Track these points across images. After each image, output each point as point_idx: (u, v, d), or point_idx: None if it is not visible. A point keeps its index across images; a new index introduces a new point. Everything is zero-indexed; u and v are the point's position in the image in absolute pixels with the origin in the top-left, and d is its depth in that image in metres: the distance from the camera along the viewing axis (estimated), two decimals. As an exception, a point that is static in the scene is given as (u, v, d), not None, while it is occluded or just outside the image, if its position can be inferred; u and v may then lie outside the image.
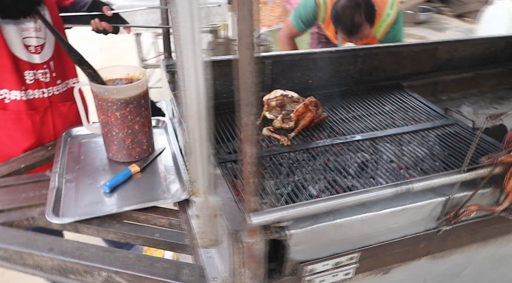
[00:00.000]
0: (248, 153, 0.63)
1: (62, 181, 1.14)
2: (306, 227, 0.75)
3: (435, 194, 0.84)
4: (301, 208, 0.69)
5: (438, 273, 1.06)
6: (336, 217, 0.77)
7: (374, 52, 1.82)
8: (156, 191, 1.13)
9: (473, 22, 7.00)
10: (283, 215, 0.68)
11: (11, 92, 1.23)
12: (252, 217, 0.66)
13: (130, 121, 1.16)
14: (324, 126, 1.49)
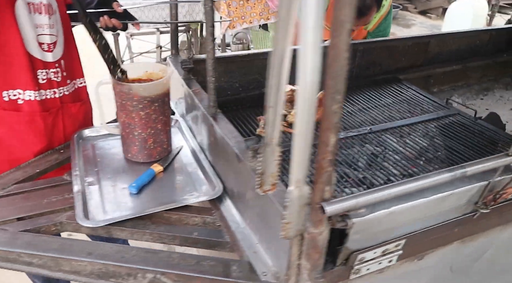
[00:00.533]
0: (330, 141, 0.63)
1: (84, 184, 1.10)
2: (366, 215, 0.76)
3: (476, 179, 0.88)
4: (373, 195, 0.70)
5: (462, 258, 1.10)
6: (392, 204, 0.79)
7: (372, 46, 1.87)
8: (184, 190, 1.11)
9: (436, 19, 7.30)
10: (357, 202, 0.69)
11: (25, 92, 1.17)
12: (326, 206, 0.67)
13: (153, 120, 1.14)
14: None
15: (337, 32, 0.57)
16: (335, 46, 0.58)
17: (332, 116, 0.63)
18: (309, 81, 0.56)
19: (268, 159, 0.69)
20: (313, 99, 0.57)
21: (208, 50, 1.06)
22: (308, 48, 0.54)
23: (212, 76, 1.09)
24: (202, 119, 1.19)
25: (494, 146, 1.43)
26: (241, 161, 0.95)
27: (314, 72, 0.56)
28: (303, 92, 0.57)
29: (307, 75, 0.56)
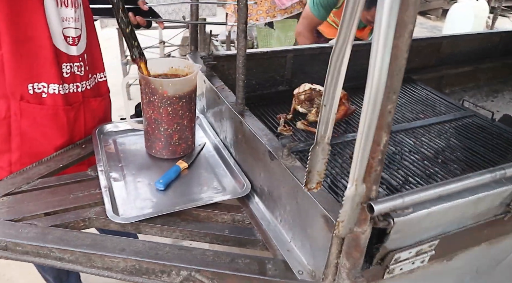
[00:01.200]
0: (382, 141, 0.63)
1: (110, 180, 1.09)
2: (408, 215, 0.76)
3: (510, 180, 0.89)
4: (418, 194, 0.71)
5: (488, 259, 1.11)
6: (432, 204, 0.79)
7: (386, 47, 1.87)
8: (210, 187, 1.10)
9: (436, 20, 7.34)
10: (403, 202, 0.69)
11: (50, 86, 1.15)
12: (375, 205, 0.67)
13: (180, 117, 1.13)
14: (353, 119, 1.52)
15: (399, 33, 0.57)
16: (396, 46, 0.58)
17: (387, 115, 0.63)
18: (376, 81, 0.56)
19: (317, 157, 0.69)
20: (379, 99, 0.57)
21: (239, 47, 1.05)
22: (380, 48, 0.54)
23: (242, 74, 1.09)
24: (228, 116, 1.19)
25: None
26: (275, 158, 0.94)
27: (382, 72, 0.55)
28: (370, 92, 0.56)
29: (375, 75, 0.55)
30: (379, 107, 0.57)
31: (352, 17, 0.57)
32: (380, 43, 0.53)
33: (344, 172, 1.21)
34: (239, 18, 1.02)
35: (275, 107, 1.60)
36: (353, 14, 0.57)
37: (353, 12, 0.57)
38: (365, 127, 0.59)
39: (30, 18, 1.06)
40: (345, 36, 0.59)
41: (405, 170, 1.27)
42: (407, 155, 1.35)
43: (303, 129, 1.41)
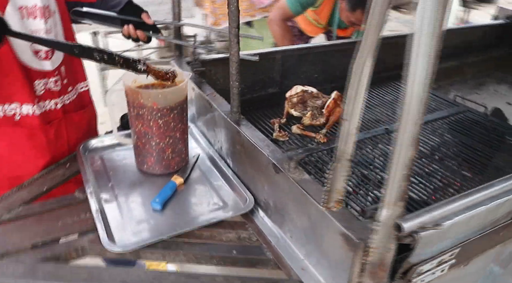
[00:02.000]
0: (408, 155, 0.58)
1: (100, 202, 1.01)
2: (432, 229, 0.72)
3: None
4: (446, 207, 0.66)
5: (499, 261, 1.08)
6: (456, 215, 0.75)
7: (374, 44, 1.83)
8: (211, 203, 1.03)
9: (410, 13, 7.44)
10: (432, 217, 0.64)
11: (22, 106, 1.06)
12: (404, 224, 0.62)
13: (172, 129, 1.05)
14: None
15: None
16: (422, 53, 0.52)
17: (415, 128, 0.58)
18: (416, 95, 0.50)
19: (338, 175, 0.63)
20: (416, 119, 0.51)
21: (232, 52, 0.98)
22: (421, 53, 0.48)
23: (236, 81, 1.02)
24: (223, 126, 1.12)
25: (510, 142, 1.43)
26: (280, 171, 0.88)
27: (424, 87, 0.50)
28: (408, 109, 0.50)
29: (415, 91, 0.50)
30: (419, 123, 0.52)
31: (378, 26, 0.52)
32: (421, 52, 0.47)
33: (353, 176, 1.17)
34: (231, 22, 0.95)
35: (266, 111, 1.54)
36: (379, 23, 0.51)
37: (379, 20, 0.51)
38: (399, 147, 0.53)
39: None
40: (369, 46, 0.53)
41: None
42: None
43: (299, 133, 1.36)
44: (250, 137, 0.98)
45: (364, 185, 1.20)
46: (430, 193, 1.17)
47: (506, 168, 1.30)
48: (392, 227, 0.60)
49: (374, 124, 1.48)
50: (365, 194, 1.16)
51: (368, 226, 0.74)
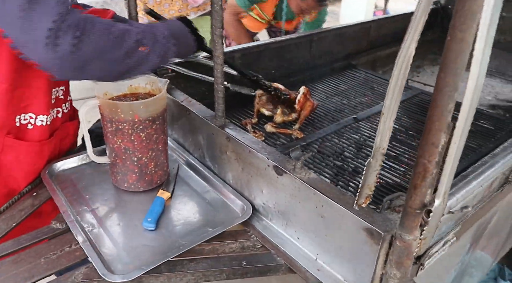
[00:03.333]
0: (440, 142, 0.58)
1: (85, 230, 0.91)
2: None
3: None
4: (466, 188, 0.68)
5: (480, 230, 1.16)
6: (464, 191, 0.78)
7: (324, 35, 1.88)
8: (205, 215, 0.98)
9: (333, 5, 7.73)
10: (457, 199, 0.66)
11: (38, 117, 1.00)
12: (434, 210, 0.62)
13: (154, 141, 0.98)
14: (316, 114, 1.49)
15: (465, 25, 0.52)
16: (462, 40, 0.53)
17: (447, 115, 0.58)
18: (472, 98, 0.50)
19: (372, 170, 0.63)
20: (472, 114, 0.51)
21: (216, 54, 0.93)
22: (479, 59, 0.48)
23: (221, 84, 0.97)
24: (207, 132, 1.06)
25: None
26: (284, 173, 0.86)
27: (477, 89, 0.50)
28: (470, 99, 0.50)
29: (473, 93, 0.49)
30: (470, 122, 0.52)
31: (420, 20, 0.51)
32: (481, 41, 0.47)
33: (324, 167, 1.20)
34: (215, 22, 0.90)
35: (232, 111, 1.50)
36: (422, 16, 0.51)
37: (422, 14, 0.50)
38: (459, 137, 0.53)
39: None
40: (411, 39, 0.53)
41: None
42: (370, 140, 1.36)
43: (274, 132, 1.34)
44: (243, 142, 0.94)
45: (342, 176, 1.21)
46: (401, 174, 1.22)
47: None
48: (439, 219, 0.61)
49: (339, 114, 1.52)
50: (345, 184, 1.17)
51: (389, 217, 0.74)
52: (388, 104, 0.56)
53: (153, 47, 0.88)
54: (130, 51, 0.84)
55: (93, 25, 0.78)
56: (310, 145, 1.29)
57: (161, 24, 1.00)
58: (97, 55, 0.78)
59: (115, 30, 0.82)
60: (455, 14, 0.52)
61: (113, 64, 0.83)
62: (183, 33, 1.02)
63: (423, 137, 0.60)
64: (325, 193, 0.78)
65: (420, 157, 0.61)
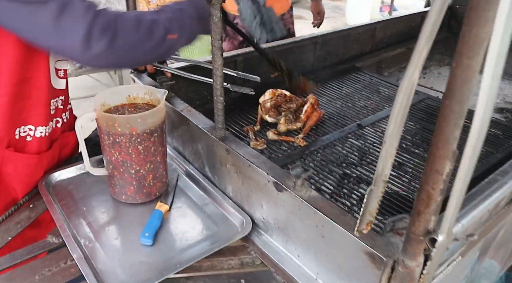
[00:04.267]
0: (445, 170, 0.56)
1: (81, 245, 0.89)
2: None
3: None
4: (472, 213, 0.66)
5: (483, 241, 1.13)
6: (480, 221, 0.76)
7: (328, 37, 1.84)
8: (204, 228, 0.96)
9: (337, 0, 7.66)
10: (463, 226, 0.63)
11: (37, 129, 0.99)
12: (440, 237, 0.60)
13: (153, 154, 0.96)
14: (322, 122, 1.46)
15: (473, 52, 0.49)
16: (469, 67, 0.50)
17: (452, 143, 0.55)
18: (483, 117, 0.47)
19: (373, 197, 0.60)
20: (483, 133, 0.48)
21: (216, 66, 0.91)
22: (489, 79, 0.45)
23: (220, 96, 0.95)
24: (206, 143, 1.04)
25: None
26: (284, 190, 0.83)
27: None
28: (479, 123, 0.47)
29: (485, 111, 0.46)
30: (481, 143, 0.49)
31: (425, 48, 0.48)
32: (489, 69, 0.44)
33: (328, 175, 1.18)
34: (214, 34, 0.87)
35: (234, 116, 1.48)
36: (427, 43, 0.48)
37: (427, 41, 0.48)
38: (465, 164, 0.50)
39: (36, 56, 0.92)
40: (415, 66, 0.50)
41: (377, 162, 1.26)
42: (374, 147, 1.34)
43: (276, 139, 1.31)
44: (243, 155, 0.92)
45: (347, 184, 1.19)
46: (407, 183, 1.20)
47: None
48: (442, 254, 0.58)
49: (342, 119, 1.49)
50: (348, 193, 1.15)
51: (392, 240, 0.72)
52: (390, 132, 0.54)
53: (181, 33, 0.94)
54: (160, 41, 0.90)
55: (123, 23, 0.83)
56: (313, 153, 1.27)
57: (187, 5, 1.00)
58: (130, 49, 0.85)
59: (144, 24, 0.87)
60: (461, 39, 0.49)
61: (146, 54, 0.91)
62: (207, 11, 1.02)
63: (427, 164, 0.57)
64: (326, 213, 0.76)
65: (424, 183, 0.58)
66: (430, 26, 0.48)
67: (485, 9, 0.42)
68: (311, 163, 1.23)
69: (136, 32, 0.86)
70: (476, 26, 0.44)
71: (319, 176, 1.18)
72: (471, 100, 0.52)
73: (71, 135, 1.15)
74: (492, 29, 0.45)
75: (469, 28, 0.45)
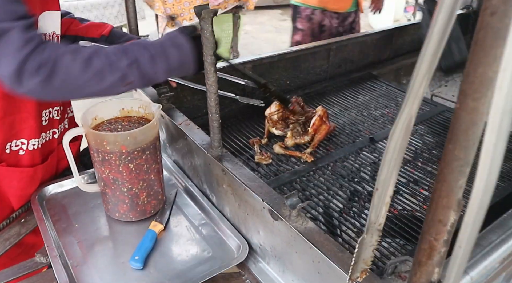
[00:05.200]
0: (449, 220, 0.49)
1: (68, 267, 0.85)
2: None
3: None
4: (483, 263, 0.58)
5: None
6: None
7: (344, 44, 1.76)
8: (199, 252, 0.91)
9: None
10: (471, 278, 0.56)
11: (29, 142, 0.97)
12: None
13: (145, 171, 0.91)
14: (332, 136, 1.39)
15: (479, 93, 0.42)
16: (475, 110, 0.43)
17: (457, 192, 0.48)
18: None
19: (366, 246, 0.54)
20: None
21: (209, 83, 0.86)
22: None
23: (215, 113, 0.89)
24: (204, 161, 0.99)
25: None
26: (280, 219, 0.77)
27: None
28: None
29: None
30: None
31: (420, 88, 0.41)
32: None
33: (336, 193, 1.12)
34: (205, 49, 0.82)
35: (240, 127, 1.42)
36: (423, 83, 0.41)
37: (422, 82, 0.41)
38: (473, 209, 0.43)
39: None
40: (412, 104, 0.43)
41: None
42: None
43: (282, 153, 1.25)
44: (238, 177, 0.86)
45: (357, 201, 1.12)
46: (422, 203, 1.12)
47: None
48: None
49: (355, 131, 1.41)
50: (359, 212, 1.08)
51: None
52: (383, 178, 0.47)
53: (140, 79, 0.83)
54: (111, 87, 0.80)
55: (66, 63, 0.74)
56: (321, 169, 1.20)
57: (160, 54, 0.87)
58: (74, 89, 0.76)
59: (94, 66, 0.77)
60: (466, 78, 0.42)
61: (95, 94, 0.81)
62: (182, 62, 0.91)
63: (429, 212, 0.50)
64: (322, 249, 0.69)
65: (425, 232, 0.52)
66: (430, 55, 0.42)
67: (493, 46, 0.35)
68: (321, 177, 1.17)
69: (83, 73, 0.76)
70: (482, 64, 0.37)
71: (330, 190, 1.12)
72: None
73: (71, 146, 1.11)
74: (500, 67, 0.38)
75: (475, 67, 0.38)
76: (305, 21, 2.33)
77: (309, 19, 2.32)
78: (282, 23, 6.04)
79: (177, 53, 0.88)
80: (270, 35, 5.45)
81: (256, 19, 6.00)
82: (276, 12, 6.53)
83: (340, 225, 1.01)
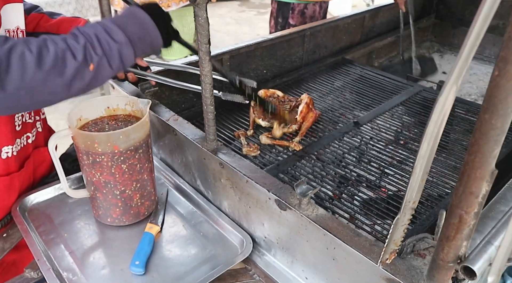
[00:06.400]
0: (481, 192, 0.48)
1: (63, 280, 0.80)
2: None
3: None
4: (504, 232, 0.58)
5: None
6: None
7: (317, 29, 1.75)
8: (200, 251, 0.87)
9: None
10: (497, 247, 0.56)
11: (3, 149, 0.88)
12: (474, 267, 0.53)
13: (139, 172, 0.87)
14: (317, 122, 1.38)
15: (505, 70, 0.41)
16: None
17: (491, 162, 0.48)
18: None
19: (399, 226, 0.52)
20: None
21: (204, 73, 0.82)
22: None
23: (210, 105, 0.86)
24: (197, 156, 0.95)
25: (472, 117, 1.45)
26: (289, 209, 0.75)
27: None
28: None
29: None
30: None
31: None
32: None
33: (330, 178, 1.12)
34: (200, 37, 0.78)
35: (222, 120, 1.39)
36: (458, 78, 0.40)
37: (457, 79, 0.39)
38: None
39: None
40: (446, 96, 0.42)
41: (376, 160, 1.21)
42: (372, 144, 1.28)
43: (269, 143, 1.23)
44: (239, 170, 0.83)
45: (346, 187, 1.12)
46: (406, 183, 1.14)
47: (463, 140, 1.31)
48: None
49: (337, 116, 1.41)
50: (349, 197, 1.08)
51: (413, 264, 0.65)
52: (423, 153, 0.46)
53: (105, 58, 0.74)
54: (78, 72, 0.71)
55: (10, 60, 0.64)
56: (310, 157, 1.19)
57: (117, 25, 0.77)
58: (32, 90, 0.67)
59: (49, 56, 0.68)
60: (506, 42, 0.41)
61: (58, 92, 0.71)
62: (144, 31, 0.81)
63: (460, 185, 0.50)
64: (337, 235, 0.68)
65: (455, 206, 0.51)
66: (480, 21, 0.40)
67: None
68: (308, 169, 1.16)
69: (37, 66, 0.67)
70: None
71: (316, 177, 1.11)
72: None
73: (47, 151, 1.04)
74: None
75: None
76: (298, 16, 2.31)
77: (302, 13, 2.30)
78: (241, 14, 5.98)
79: (134, 21, 0.80)
80: (231, 28, 5.39)
81: (215, 11, 5.91)
82: (234, 3, 6.47)
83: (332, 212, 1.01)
